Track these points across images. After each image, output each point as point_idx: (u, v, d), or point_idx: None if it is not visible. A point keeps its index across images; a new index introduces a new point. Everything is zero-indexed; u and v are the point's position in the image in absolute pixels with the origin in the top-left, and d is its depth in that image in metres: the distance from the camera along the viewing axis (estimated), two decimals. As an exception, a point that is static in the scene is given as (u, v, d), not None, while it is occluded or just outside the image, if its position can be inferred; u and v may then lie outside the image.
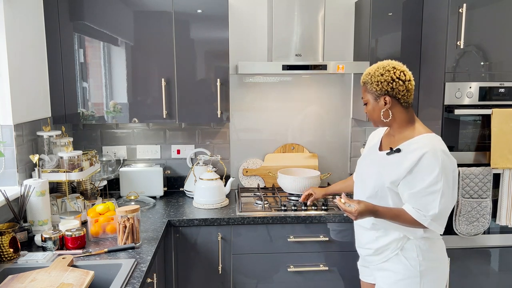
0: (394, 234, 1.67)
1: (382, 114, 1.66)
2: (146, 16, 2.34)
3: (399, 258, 1.67)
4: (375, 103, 1.67)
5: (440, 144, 1.60)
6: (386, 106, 1.64)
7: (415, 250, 1.65)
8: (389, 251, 1.69)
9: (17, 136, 2.00)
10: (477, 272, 2.39)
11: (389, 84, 1.62)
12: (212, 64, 2.40)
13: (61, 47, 2.31)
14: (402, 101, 1.65)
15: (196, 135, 2.79)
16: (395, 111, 1.66)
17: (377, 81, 1.63)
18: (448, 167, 1.56)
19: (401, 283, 1.67)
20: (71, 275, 1.48)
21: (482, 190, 2.24)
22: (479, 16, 2.18)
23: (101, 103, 2.40)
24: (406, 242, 1.66)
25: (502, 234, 2.36)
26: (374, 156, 1.77)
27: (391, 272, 1.70)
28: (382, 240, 1.70)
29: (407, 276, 1.66)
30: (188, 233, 2.23)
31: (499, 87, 2.25)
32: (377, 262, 1.75)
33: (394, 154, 1.64)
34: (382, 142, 1.79)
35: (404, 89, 1.63)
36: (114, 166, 2.69)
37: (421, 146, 1.57)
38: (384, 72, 1.63)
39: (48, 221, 1.94)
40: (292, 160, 2.79)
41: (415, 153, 1.57)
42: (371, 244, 1.74)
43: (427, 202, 1.55)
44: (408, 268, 1.65)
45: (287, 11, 2.46)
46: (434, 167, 1.53)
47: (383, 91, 1.63)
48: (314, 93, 2.82)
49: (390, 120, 1.68)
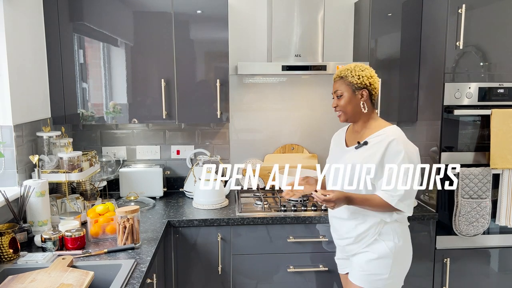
0: (371, 220, 1.78)
1: (361, 107, 1.79)
2: (146, 16, 2.34)
3: (378, 242, 1.78)
4: (353, 95, 1.78)
5: (401, 133, 1.77)
6: (363, 99, 1.78)
7: (391, 233, 1.78)
8: (368, 237, 1.79)
9: (17, 137, 2.01)
10: (477, 273, 2.39)
11: (368, 79, 1.77)
12: (212, 64, 2.40)
13: (61, 47, 2.31)
14: (373, 98, 1.81)
15: (195, 135, 2.79)
16: (367, 106, 1.80)
17: (358, 75, 1.76)
18: (412, 153, 1.74)
19: (374, 262, 1.78)
20: (71, 275, 1.48)
21: (482, 190, 2.25)
22: (479, 16, 2.19)
23: (101, 104, 2.40)
24: (383, 227, 1.78)
25: (502, 235, 2.37)
26: (343, 153, 1.88)
27: (367, 252, 1.80)
28: (361, 227, 1.80)
29: (381, 256, 1.77)
30: (188, 234, 2.23)
31: (498, 88, 2.25)
32: (357, 250, 1.83)
33: (362, 147, 1.78)
34: (347, 139, 1.92)
35: (377, 86, 1.81)
36: (114, 166, 2.69)
37: (386, 136, 1.74)
38: (363, 69, 1.78)
39: (48, 221, 1.94)
40: (292, 160, 2.79)
41: (382, 142, 1.73)
42: (351, 233, 1.82)
43: (395, 183, 1.70)
44: (384, 249, 1.77)
45: (286, 12, 2.46)
46: (400, 152, 1.70)
47: (363, 84, 1.77)
48: (314, 93, 2.83)
49: (363, 113, 1.80)
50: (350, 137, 1.91)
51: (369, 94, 1.79)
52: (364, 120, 1.83)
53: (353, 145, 1.84)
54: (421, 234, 2.32)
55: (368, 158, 1.74)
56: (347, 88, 1.78)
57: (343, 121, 1.85)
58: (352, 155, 1.81)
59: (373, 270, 1.79)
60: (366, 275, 1.80)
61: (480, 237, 2.34)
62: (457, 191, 2.26)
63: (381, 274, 1.78)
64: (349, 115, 1.82)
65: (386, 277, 1.77)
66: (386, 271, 1.77)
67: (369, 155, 1.74)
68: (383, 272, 1.78)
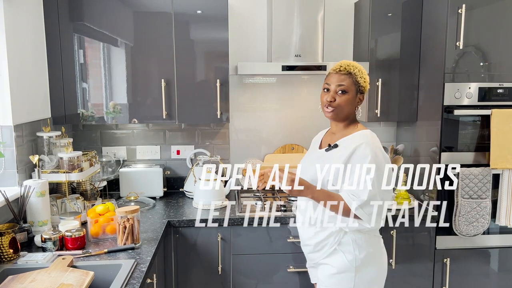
0: (330, 228, 1.70)
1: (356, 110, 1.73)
2: (146, 17, 2.34)
3: (338, 253, 1.70)
4: (354, 96, 1.70)
5: (375, 139, 1.68)
6: (359, 103, 1.72)
7: (352, 245, 1.68)
8: (328, 246, 1.71)
9: (17, 137, 2.01)
10: (477, 273, 2.39)
11: (368, 84, 1.74)
12: (212, 64, 2.41)
13: (61, 47, 2.31)
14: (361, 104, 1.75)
15: (196, 135, 2.79)
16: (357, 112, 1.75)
17: (364, 79, 1.70)
18: (381, 160, 1.63)
19: (336, 276, 1.70)
20: (71, 275, 1.48)
21: (482, 190, 2.25)
22: (479, 16, 2.19)
23: (101, 104, 2.40)
24: (343, 236, 1.69)
25: (502, 235, 2.37)
26: (314, 154, 1.83)
27: (328, 266, 1.73)
28: (321, 235, 1.72)
29: (342, 270, 1.68)
30: (188, 234, 2.23)
31: (498, 88, 2.25)
32: (319, 259, 1.77)
33: (332, 149, 1.72)
34: (323, 141, 1.86)
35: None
36: (114, 166, 2.69)
37: (356, 140, 1.66)
38: (367, 74, 1.73)
39: (48, 221, 1.94)
40: (292, 160, 2.79)
41: (350, 146, 1.65)
42: (311, 240, 1.77)
43: (359, 189, 1.60)
44: (344, 262, 1.68)
45: (286, 12, 2.46)
46: (367, 157, 1.60)
47: (365, 89, 1.72)
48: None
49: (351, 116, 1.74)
50: (326, 139, 1.85)
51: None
52: (347, 123, 1.75)
53: (325, 147, 1.78)
54: (421, 234, 2.33)
55: (335, 160, 1.67)
56: (353, 87, 1.68)
57: (331, 118, 1.74)
58: (321, 157, 1.75)
59: (335, 285, 1.70)
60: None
61: (480, 237, 2.34)
62: (457, 191, 2.26)
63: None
64: (343, 114, 1.71)
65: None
66: (349, 285, 1.67)
67: (336, 157, 1.67)
68: (346, 287, 1.68)
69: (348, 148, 1.65)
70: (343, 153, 1.66)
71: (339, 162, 1.65)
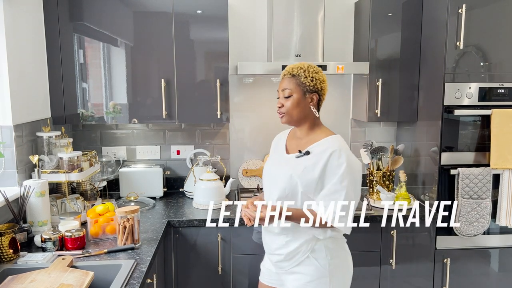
0: (303, 236, 1.66)
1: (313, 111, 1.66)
2: (146, 16, 2.34)
3: (310, 260, 1.66)
4: (302, 97, 1.65)
5: (344, 144, 1.65)
6: (312, 103, 1.66)
7: (324, 251, 1.66)
8: (300, 254, 1.67)
9: (17, 137, 2.00)
10: (477, 273, 2.39)
11: (321, 83, 1.66)
12: (212, 64, 2.40)
13: (61, 47, 2.31)
14: (320, 104, 1.70)
15: (195, 135, 2.79)
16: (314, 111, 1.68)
17: (312, 77, 1.64)
18: (354, 166, 1.60)
19: (311, 284, 1.67)
20: (71, 275, 1.48)
21: (482, 190, 2.24)
22: (479, 16, 2.18)
23: (101, 104, 2.40)
24: (316, 243, 1.66)
25: (502, 235, 2.37)
26: (282, 160, 1.74)
27: (302, 274, 1.68)
28: (292, 244, 1.67)
29: (317, 277, 1.66)
30: (188, 234, 2.23)
31: (498, 88, 2.25)
32: (288, 267, 1.72)
33: (304, 156, 1.65)
34: (287, 146, 1.78)
35: (326, 92, 1.69)
36: (114, 166, 2.69)
37: (328, 147, 1.60)
38: (318, 71, 1.66)
39: (47, 221, 1.94)
40: (292, 160, 2.79)
41: (325, 153, 1.59)
42: (282, 250, 1.70)
43: (333, 198, 1.57)
44: (318, 269, 1.66)
45: (286, 12, 2.46)
46: (341, 165, 1.56)
47: (315, 88, 1.64)
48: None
49: (308, 118, 1.68)
50: (291, 143, 1.76)
51: (319, 99, 1.67)
52: (308, 127, 1.69)
53: (294, 152, 1.70)
54: (421, 234, 2.32)
55: (309, 168, 1.60)
56: (298, 89, 1.64)
57: (284, 123, 1.70)
58: (292, 164, 1.66)
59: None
60: None
61: (480, 237, 2.34)
62: (457, 191, 2.26)
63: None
64: (294, 119, 1.67)
65: None
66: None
67: (310, 165, 1.60)
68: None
69: (322, 155, 1.60)
70: (317, 160, 1.60)
71: (313, 171, 1.59)
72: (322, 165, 1.58)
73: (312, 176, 1.59)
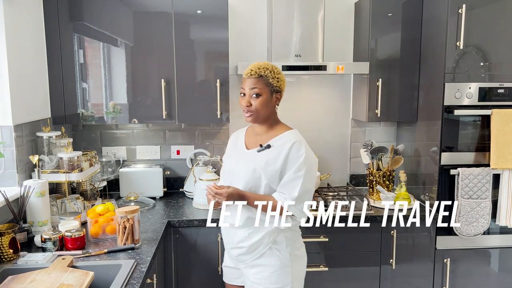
0: (265, 228, 1.73)
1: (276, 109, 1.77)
2: (146, 16, 2.34)
3: (272, 252, 1.73)
4: (270, 97, 1.73)
5: (303, 138, 1.76)
6: (277, 102, 1.76)
7: (285, 242, 1.74)
8: (262, 246, 1.73)
9: (17, 137, 2.00)
10: (477, 273, 2.39)
11: (283, 83, 1.76)
12: (212, 64, 2.40)
13: (61, 47, 2.31)
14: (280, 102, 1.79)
15: (196, 135, 2.79)
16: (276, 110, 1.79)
17: (277, 78, 1.72)
18: (311, 158, 1.72)
19: (274, 275, 1.74)
20: (71, 275, 1.48)
21: (482, 190, 2.24)
22: (479, 16, 2.19)
23: (101, 104, 2.40)
24: (277, 235, 1.73)
25: (502, 235, 2.37)
26: (243, 155, 1.81)
27: (264, 266, 1.75)
28: (255, 236, 1.73)
29: (279, 267, 1.73)
30: (188, 234, 2.23)
31: (498, 88, 2.25)
32: (250, 260, 1.77)
33: (265, 150, 1.73)
34: (246, 142, 1.85)
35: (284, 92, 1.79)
36: (114, 166, 2.69)
37: (289, 139, 1.71)
38: (279, 72, 1.75)
39: (47, 221, 1.94)
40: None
41: (285, 145, 1.70)
42: (244, 242, 1.75)
43: (291, 186, 1.67)
44: (280, 259, 1.73)
45: (286, 12, 2.46)
46: (300, 156, 1.68)
47: (280, 88, 1.74)
48: (314, 93, 2.83)
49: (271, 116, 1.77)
50: (250, 140, 1.84)
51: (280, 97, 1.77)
52: (270, 123, 1.79)
53: (254, 147, 1.78)
54: (421, 234, 2.32)
55: (271, 161, 1.69)
56: (267, 89, 1.71)
57: (251, 122, 1.76)
58: (254, 158, 1.74)
59: (275, 283, 1.73)
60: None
61: (480, 237, 2.34)
62: (457, 191, 2.26)
63: (284, 285, 1.73)
64: (262, 117, 1.74)
65: (290, 286, 1.74)
66: (288, 280, 1.73)
67: (272, 157, 1.69)
68: (285, 282, 1.73)
69: (283, 147, 1.70)
70: (278, 152, 1.70)
71: (274, 163, 1.69)
72: (284, 156, 1.68)
73: (275, 168, 1.69)
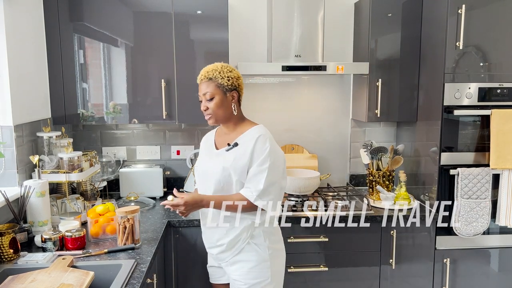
0: (242, 223, 1.75)
1: (233, 108, 1.77)
2: (146, 17, 2.34)
3: (251, 247, 1.76)
4: (224, 97, 1.75)
5: (268, 132, 1.78)
6: (233, 100, 1.78)
7: (263, 236, 1.77)
8: (241, 242, 1.76)
9: (17, 137, 2.01)
10: (477, 273, 2.39)
11: (237, 80, 1.78)
12: (212, 65, 2.40)
13: (61, 48, 2.31)
14: (240, 98, 1.82)
15: (196, 135, 2.79)
16: (236, 107, 1.79)
17: (228, 77, 1.74)
18: (276, 151, 1.73)
19: (254, 269, 1.76)
20: (71, 275, 1.48)
21: (481, 190, 2.25)
22: (478, 17, 2.19)
23: (101, 104, 2.40)
24: (254, 230, 1.76)
25: (502, 235, 2.37)
26: (212, 155, 1.84)
27: (243, 262, 1.77)
28: (232, 233, 1.76)
29: (258, 262, 1.76)
30: (188, 234, 2.23)
31: (498, 88, 2.26)
32: (230, 257, 1.80)
33: (233, 148, 1.76)
34: (216, 143, 1.88)
35: (243, 87, 1.82)
36: (114, 167, 2.69)
37: (254, 134, 1.74)
38: (231, 70, 1.77)
39: (48, 221, 1.94)
40: (292, 160, 2.79)
41: (251, 140, 1.72)
42: (223, 240, 1.79)
43: (256, 180, 1.69)
44: (259, 254, 1.76)
45: (286, 12, 2.46)
46: (265, 149, 1.69)
47: (233, 86, 1.76)
48: (314, 93, 2.83)
49: (233, 115, 1.79)
50: (219, 140, 1.87)
51: (238, 95, 1.79)
52: (234, 122, 1.81)
53: (223, 147, 1.81)
54: (421, 234, 2.33)
55: (239, 157, 1.72)
56: (218, 90, 1.74)
57: (213, 124, 1.81)
58: (223, 157, 1.77)
59: (255, 278, 1.76)
60: (250, 286, 1.76)
61: (480, 237, 2.34)
62: (456, 191, 2.26)
63: (264, 280, 1.76)
64: (221, 118, 1.78)
65: (269, 281, 1.76)
66: (267, 275, 1.76)
67: (239, 154, 1.72)
68: (265, 277, 1.76)
69: (249, 143, 1.72)
70: (245, 148, 1.72)
71: (242, 159, 1.71)
72: (250, 151, 1.70)
73: (242, 164, 1.71)
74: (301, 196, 2.47)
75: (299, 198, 2.46)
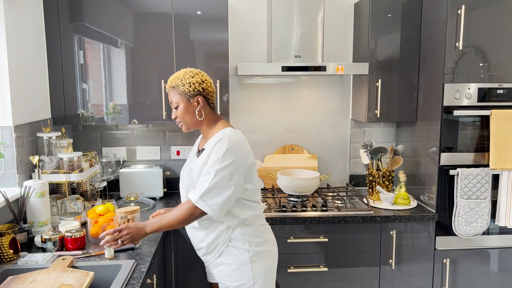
0: (219, 226, 1.76)
1: (197, 114, 1.76)
2: (146, 17, 2.34)
3: (230, 250, 1.77)
4: (188, 104, 1.75)
5: (234, 135, 1.72)
6: (199, 105, 1.76)
7: (241, 238, 1.76)
8: (220, 245, 1.78)
9: (17, 137, 2.01)
10: (477, 273, 2.39)
11: (200, 84, 1.75)
12: (212, 65, 2.41)
13: (61, 48, 2.31)
14: (210, 102, 1.79)
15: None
16: (205, 111, 1.77)
17: (189, 83, 1.73)
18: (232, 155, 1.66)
19: (235, 273, 1.77)
20: (71, 276, 1.48)
21: (481, 191, 2.25)
22: (478, 17, 2.19)
23: (101, 104, 2.40)
24: (232, 232, 1.76)
25: (502, 235, 2.37)
26: (192, 160, 1.87)
27: (224, 265, 1.79)
28: (211, 235, 1.78)
29: (238, 265, 1.76)
30: (187, 234, 2.22)
31: (498, 88, 2.26)
32: (212, 259, 1.82)
33: (201, 154, 1.76)
34: (199, 147, 1.88)
35: (212, 90, 1.79)
36: (114, 167, 2.69)
37: (215, 139, 1.71)
38: (193, 75, 1.75)
39: (48, 222, 1.94)
40: (292, 161, 2.80)
41: (211, 145, 1.71)
42: (203, 243, 1.81)
43: (202, 181, 1.67)
44: (238, 257, 1.76)
45: (286, 12, 2.46)
46: (219, 152, 1.66)
47: (196, 91, 1.74)
48: (314, 94, 2.83)
49: (202, 119, 1.77)
50: (201, 144, 1.87)
51: (206, 99, 1.77)
52: (207, 126, 1.80)
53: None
54: (421, 234, 2.33)
55: (202, 163, 1.72)
56: (181, 97, 1.74)
57: (186, 131, 1.82)
58: (194, 163, 1.80)
59: (237, 281, 1.77)
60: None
61: (480, 238, 2.34)
62: (456, 191, 2.26)
63: (246, 282, 1.76)
64: (190, 124, 1.79)
65: (252, 283, 1.76)
66: (249, 277, 1.76)
67: (204, 158, 1.72)
68: (247, 279, 1.76)
69: (209, 147, 1.71)
70: (207, 153, 1.71)
71: (204, 163, 1.70)
72: (207, 154, 1.70)
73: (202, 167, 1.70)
74: (301, 196, 2.47)
75: (299, 198, 2.47)
